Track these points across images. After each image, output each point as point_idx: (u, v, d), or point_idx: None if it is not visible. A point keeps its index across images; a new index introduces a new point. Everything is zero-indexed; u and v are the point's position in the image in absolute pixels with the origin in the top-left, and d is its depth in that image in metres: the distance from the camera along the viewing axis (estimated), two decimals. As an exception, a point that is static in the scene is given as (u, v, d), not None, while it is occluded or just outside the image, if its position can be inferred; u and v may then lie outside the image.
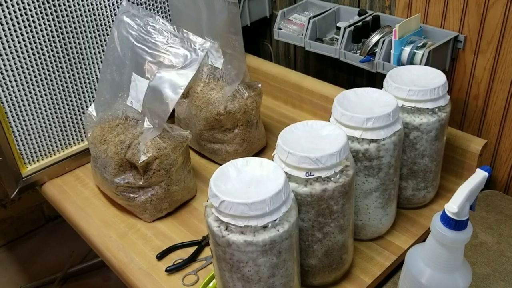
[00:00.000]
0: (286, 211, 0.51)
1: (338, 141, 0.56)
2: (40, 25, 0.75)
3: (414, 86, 0.67)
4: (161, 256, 0.69)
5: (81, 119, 0.87)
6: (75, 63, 0.82)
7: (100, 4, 0.82)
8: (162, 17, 0.92)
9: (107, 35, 0.84)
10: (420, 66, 0.74)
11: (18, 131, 0.79)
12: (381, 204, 0.67)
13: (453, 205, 0.46)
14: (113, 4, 0.83)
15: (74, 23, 0.79)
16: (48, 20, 0.76)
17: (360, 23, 0.89)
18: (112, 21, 0.84)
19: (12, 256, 1.46)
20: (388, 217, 0.69)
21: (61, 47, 0.79)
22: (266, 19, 1.15)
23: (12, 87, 0.76)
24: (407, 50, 0.80)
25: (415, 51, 0.79)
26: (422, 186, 0.73)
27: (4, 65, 0.74)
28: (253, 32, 1.19)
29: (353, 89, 0.67)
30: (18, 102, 0.77)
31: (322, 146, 0.56)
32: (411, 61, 0.80)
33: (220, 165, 0.88)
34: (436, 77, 0.69)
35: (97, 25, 0.82)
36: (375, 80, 1.00)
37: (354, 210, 0.62)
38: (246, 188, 0.52)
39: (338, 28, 0.93)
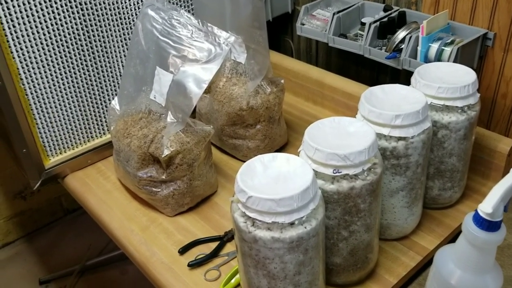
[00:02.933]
0: (313, 208, 0.50)
1: (367, 138, 0.55)
2: (65, 17, 0.75)
3: (443, 83, 0.66)
4: (183, 250, 0.69)
5: (103, 112, 0.87)
6: (98, 56, 0.82)
7: (125, -3, 0.81)
8: (185, 10, 0.91)
9: (131, 28, 0.84)
10: (449, 63, 0.72)
11: (41, 123, 0.79)
12: (407, 203, 0.65)
13: (487, 205, 0.45)
14: (137, -2, 0.83)
15: (98, 15, 0.79)
16: (73, 13, 0.76)
17: (386, 19, 0.87)
18: (136, 14, 0.84)
19: (31, 247, 1.48)
20: (414, 217, 0.68)
21: (85, 39, 0.79)
22: (287, 15, 1.14)
23: (36, 79, 0.76)
24: (434, 47, 0.79)
25: (443, 48, 0.78)
26: (449, 186, 0.72)
27: (29, 57, 0.74)
28: (275, 28, 1.18)
29: (380, 86, 0.66)
30: (42, 95, 0.78)
31: (349, 143, 0.55)
32: (438, 58, 0.78)
33: (241, 161, 0.89)
34: (465, 75, 0.68)
35: (121, 18, 0.82)
36: (399, 77, 0.99)
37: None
38: (273, 184, 0.51)
39: (363, 24, 0.91)
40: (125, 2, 0.82)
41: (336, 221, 0.56)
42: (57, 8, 0.74)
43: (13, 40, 0.71)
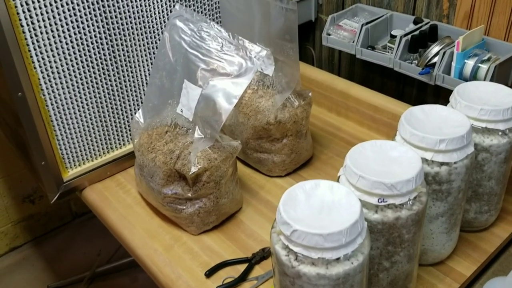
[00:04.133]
0: (361, 242, 0.47)
1: (413, 165, 0.53)
2: (88, 26, 0.73)
3: (485, 104, 0.63)
4: (209, 273, 0.67)
5: (124, 123, 0.84)
6: (121, 66, 0.79)
7: (150, 6, 0.78)
8: (211, 19, 0.89)
9: (156, 38, 0.81)
10: (489, 83, 0.69)
11: (61, 134, 0.77)
12: (446, 229, 0.63)
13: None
14: (162, 7, 0.80)
15: (122, 25, 0.76)
16: (97, 22, 0.73)
17: (417, 32, 0.85)
18: (161, 24, 0.81)
19: (39, 252, 1.45)
20: (451, 242, 0.65)
21: (108, 49, 0.76)
22: (310, 23, 1.11)
23: (57, 89, 0.73)
24: (470, 63, 0.76)
25: (479, 65, 0.75)
26: (486, 209, 0.69)
27: (51, 67, 0.71)
28: (296, 35, 1.15)
29: (420, 106, 0.63)
30: (62, 105, 0.75)
31: (394, 170, 0.53)
32: (474, 75, 0.76)
33: (266, 175, 0.86)
34: (507, 96, 0.65)
35: (145, 27, 0.79)
36: (427, 90, 0.96)
37: (420, 236, 0.59)
38: (317, 214, 0.48)
39: (392, 36, 0.89)
40: (150, 11, 0.79)
41: (378, 252, 0.54)
42: (80, 17, 0.71)
43: (34, 50, 0.69)
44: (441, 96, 0.93)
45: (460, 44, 0.76)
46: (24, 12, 0.65)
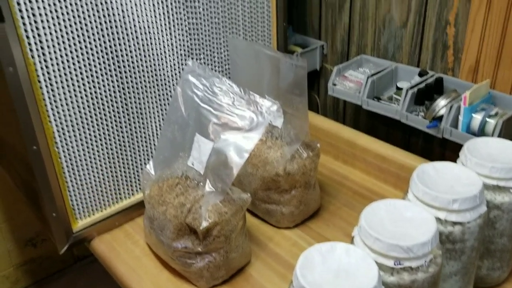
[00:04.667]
0: (378, 307, 0.47)
1: (428, 226, 0.53)
2: (103, 80, 0.74)
3: (495, 162, 0.64)
4: (220, 330, 0.66)
5: (134, 173, 0.84)
6: (133, 119, 0.80)
7: (163, 60, 0.80)
8: (221, 72, 0.91)
9: (167, 92, 0.83)
10: (498, 139, 0.70)
11: (72, 186, 0.77)
12: (459, 287, 0.62)
13: None
14: (175, 62, 0.82)
15: (135, 78, 0.78)
16: (111, 76, 0.75)
17: (423, 85, 0.86)
18: (174, 79, 0.83)
19: (40, 297, 1.43)
20: (465, 301, 0.65)
21: (121, 102, 0.78)
22: (315, 71, 1.14)
23: (71, 142, 0.74)
24: (477, 118, 0.77)
25: (486, 119, 0.77)
26: (498, 266, 0.69)
27: (65, 121, 0.72)
28: (302, 83, 1.17)
29: (432, 163, 0.64)
30: (75, 157, 0.76)
31: (409, 231, 0.53)
32: (482, 129, 0.77)
33: (274, 226, 0.86)
34: (516, 153, 0.66)
35: (158, 82, 0.81)
36: (433, 141, 0.97)
37: (434, 296, 0.58)
38: (334, 279, 0.48)
39: (398, 88, 0.90)
40: (163, 66, 0.81)
41: (394, 314, 0.53)
42: (95, 72, 0.73)
43: (50, 104, 0.70)
44: (447, 147, 0.94)
45: (467, 99, 0.77)
46: (42, 68, 0.67)
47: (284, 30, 0.99)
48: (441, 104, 0.82)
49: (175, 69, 0.83)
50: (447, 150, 0.94)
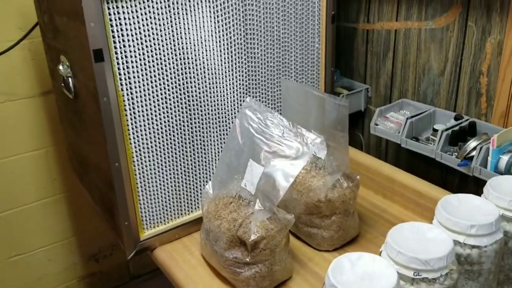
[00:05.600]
0: (397, 308, 0.56)
1: (445, 245, 0.61)
2: (174, 112, 0.88)
3: (515, 197, 0.71)
4: (262, 331, 0.75)
5: (194, 192, 0.97)
6: (197, 145, 0.93)
7: (225, 97, 0.94)
8: (275, 109, 1.03)
9: (227, 123, 0.96)
10: (520, 177, 0.78)
11: (143, 200, 0.90)
12: (478, 308, 0.69)
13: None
14: (235, 99, 0.95)
15: (201, 111, 0.92)
16: (182, 109, 0.89)
17: (457, 128, 0.95)
18: (233, 112, 0.96)
19: (98, 309, 1.56)
20: (484, 321, 0.71)
21: (188, 130, 0.91)
22: (360, 112, 1.24)
23: (145, 162, 0.88)
24: (504, 159, 0.85)
25: (513, 160, 0.84)
26: (518, 294, 0.75)
27: (142, 143, 0.86)
28: (347, 123, 1.28)
29: (456, 195, 0.72)
30: (147, 175, 0.89)
31: (428, 248, 0.61)
32: (508, 169, 0.84)
33: (315, 249, 0.95)
34: (536, 190, 0.73)
35: (219, 113, 0.94)
36: (468, 180, 1.04)
37: (453, 311, 0.66)
38: (360, 281, 0.57)
39: (435, 130, 0.99)
40: (224, 100, 0.94)
41: (413, 320, 0.61)
42: (170, 104, 0.87)
43: (132, 129, 0.84)
44: (480, 185, 1.00)
45: (495, 141, 0.85)
46: (128, 99, 0.82)
47: (332, 74, 1.11)
48: (472, 145, 0.90)
49: (234, 104, 0.96)
50: (480, 188, 1.01)
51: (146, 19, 0.79)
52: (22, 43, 1.20)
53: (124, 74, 0.80)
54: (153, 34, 0.81)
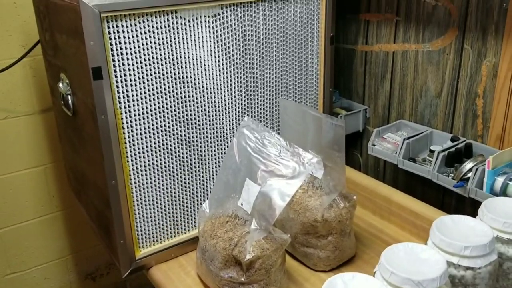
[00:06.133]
0: (390, 329, 0.55)
1: (438, 266, 0.61)
2: (172, 130, 0.89)
3: (509, 218, 0.71)
4: None
5: (190, 212, 0.97)
6: (195, 164, 0.94)
7: (223, 116, 0.95)
8: (272, 129, 1.04)
9: (225, 142, 0.97)
10: (515, 199, 0.78)
11: (139, 218, 0.90)
12: (474, 330, 0.69)
13: None
14: (233, 118, 0.96)
15: (199, 130, 0.92)
16: (180, 128, 0.89)
17: (453, 149, 0.95)
18: (231, 131, 0.97)
19: (93, 328, 1.55)
20: None
21: (186, 149, 0.92)
22: (358, 132, 1.25)
23: (142, 180, 0.88)
24: (500, 180, 0.85)
25: (508, 182, 0.84)
26: (515, 317, 0.74)
27: (139, 161, 0.87)
28: (345, 143, 1.27)
29: (450, 216, 0.73)
30: (144, 193, 0.89)
31: (422, 269, 0.61)
32: (504, 190, 0.84)
33: (311, 269, 0.95)
34: (531, 212, 0.73)
35: (218, 134, 0.95)
36: (465, 202, 1.04)
37: (448, 333, 0.65)
38: (353, 301, 0.57)
39: (432, 151, 0.99)
40: (223, 119, 0.95)
41: None
42: (168, 123, 0.88)
43: (130, 147, 0.85)
44: (477, 207, 1.00)
45: (490, 163, 0.85)
46: (126, 117, 0.83)
47: (330, 94, 1.12)
48: (468, 167, 0.90)
49: (233, 123, 0.97)
50: (477, 209, 1.01)
51: (146, 38, 0.80)
52: (24, 61, 1.22)
53: (123, 92, 0.81)
54: (152, 53, 0.82)
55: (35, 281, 1.46)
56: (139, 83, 0.82)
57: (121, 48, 0.78)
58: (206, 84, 0.91)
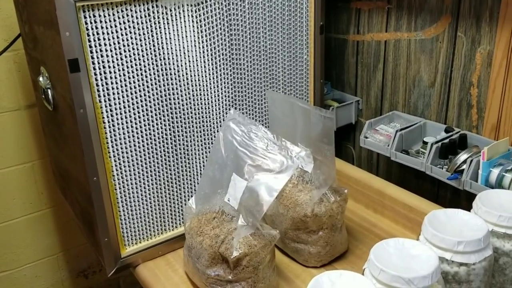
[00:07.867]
0: (378, 329, 0.53)
1: (430, 263, 0.58)
2: (156, 124, 0.86)
3: (504, 211, 0.69)
4: None
5: (177, 208, 0.94)
6: (180, 159, 0.91)
7: (209, 109, 0.92)
8: (260, 122, 1.01)
9: (211, 136, 0.94)
10: (509, 192, 0.75)
11: (124, 215, 0.87)
12: (468, 328, 0.66)
13: None
14: (219, 111, 0.93)
15: (184, 123, 0.89)
16: (164, 121, 0.87)
17: (447, 140, 0.93)
18: (217, 125, 0.94)
19: (86, 326, 1.53)
20: None
21: (171, 143, 0.89)
22: (351, 125, 1.22)
23: (126, 176, 0.85)
24: (495, 172, 0.82)
25: (503, 174, 0.81)
26: (510, 313, 0.72)
27: (123, 157, 0.84)
28: (338, 135, 1.25)
29: (443, 210, 0.70)
30: (128, 190, 0.86)
31: (413, 266, 0.58)
32: (499, 182, 0.82)
33: (302, 265, 0.92)
34: (527, 204, 0.71)
35: (204, 127, 0.92)
36: (460, 194, 1.01)
37: (440, 332, 0.63)
38: (340, 301, 0.55)
39: (425, 143, 0.97)
40: (208, 112, 0.92)
41: None
42: (151, 117, 0.85)
43: (111, 142, 0.82)
44: (472, 199, 0.98)
45: (485, 154, 0.83)
46: (107, 111, 0.80)
47: (321, 86, 1.09)
48: (462, 158, 0.87)
49: (219, 117, 0.94)
50: (472, 203, 0.98)
51: (125, 28, 0.77)
52: (7, 55, 1.19)
53: (102, 85, 0.78)
54: (132, 44, 0.79)
55: (26, 279, 1.44)
56: (119, 76, 0.79)
57: (99, 39, 0.75)
58: (191, 76, 0.88)
